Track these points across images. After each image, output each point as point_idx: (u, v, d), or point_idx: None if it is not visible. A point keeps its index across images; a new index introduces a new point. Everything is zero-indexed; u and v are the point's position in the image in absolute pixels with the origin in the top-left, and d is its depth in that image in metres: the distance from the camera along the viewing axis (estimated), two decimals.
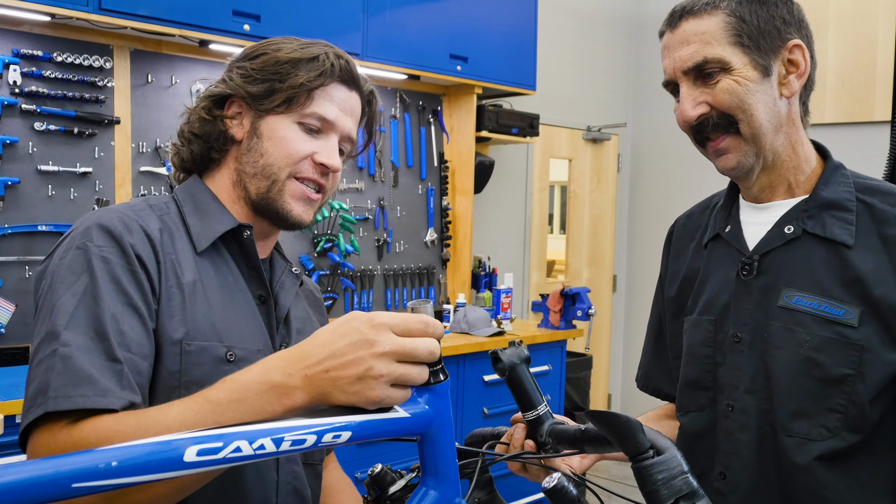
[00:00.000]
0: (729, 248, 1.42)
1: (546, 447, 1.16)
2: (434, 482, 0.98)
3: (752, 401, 1.33)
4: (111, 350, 1.05)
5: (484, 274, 4.77)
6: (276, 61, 1.26)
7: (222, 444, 0.77)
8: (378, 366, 0.88)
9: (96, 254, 1.11)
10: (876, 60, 4.75)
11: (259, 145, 1.26)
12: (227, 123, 1.28)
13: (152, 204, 1.26)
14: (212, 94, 1.29)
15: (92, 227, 1.13)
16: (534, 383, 1.19)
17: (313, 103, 1.26)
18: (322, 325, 1.45)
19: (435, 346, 0.91)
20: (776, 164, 1.35)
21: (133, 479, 0.72)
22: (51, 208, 3.12)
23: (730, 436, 1.36)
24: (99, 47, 3.22)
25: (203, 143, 1.30)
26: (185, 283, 1.18)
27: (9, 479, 0.66)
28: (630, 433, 0.91)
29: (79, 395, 1.01)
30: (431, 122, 4.52)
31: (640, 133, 6.18)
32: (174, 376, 1.14)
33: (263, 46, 1.30)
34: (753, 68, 1.28)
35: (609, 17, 5.93)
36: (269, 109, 1.26)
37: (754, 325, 1.35)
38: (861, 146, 4.14)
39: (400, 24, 3.95)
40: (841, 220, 1.30)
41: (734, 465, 1.35)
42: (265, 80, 1.26)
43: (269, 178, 1.26)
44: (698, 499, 0.88)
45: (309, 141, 1.27)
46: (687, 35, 1.31)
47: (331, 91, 1.28)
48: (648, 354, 1.64)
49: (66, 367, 1.03)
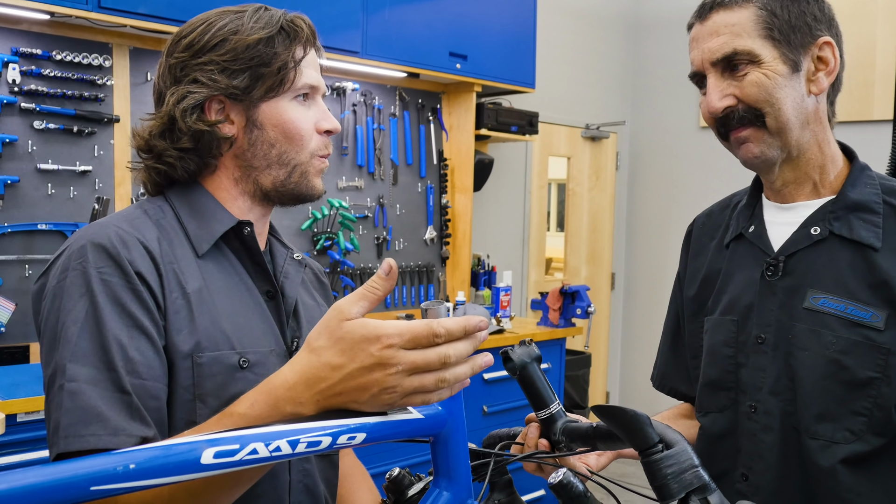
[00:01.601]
0: (753, 249, 1.41)
1: (560, 445, 1.15)
2: (447, 483, 0.98)
3: (776, 402, 1.33)
4: (119, 381, 1.02)
5: (483, 272, 4.77)
6: (248, 45, 1.19)
7: (239, 447, 0.77)
8: (390, 381, 0.86)
9: (95, 276, 1.07)
10: (875, 59, 4.75)
11: (263, 136, 1.22)
12: (219, 127, 1.21)
13: (147, 210, 1.22)
14: (196, 101, 1.19)
15: (87, 245, 1.09)
16: (546, 382, 1.18)
17: (302, 75, 1.23)
18: (328, 307, 1.43)
19: (446, 353, 0.88)
20: (801, 160, 1.34)
21: (150, 481, 0.72)
22: (50, 207, 3.11)
23: (752, 437, 1.35)
24: (98, 45, 3.21)
25: (197, 156, 1.22)
26: (190, 293, 1.14)
27: (28, 481, 0.66)
28: (638, 427, 0.90)
29: (90, 434, 0.99)
30: (431, 120, 4.52)
31: (638, 131, 6.19)
32: (188, 390, 1.11)
33: (216, 32, 1.20)
34: (783, 62, 1.27)
35: (608, 15, 5.93)
36: (261, 97, 1.21)
37: (778, 326, 1.34)
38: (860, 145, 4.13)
39: (399, 22, 3.94)
40: (868, 222, 1.30)
41: (757, 466, 1.35)
42: (245, 69, 1.19)
43: (286, 165, 1.23)
44: (710, 492, 0.87)
45: (306, 111, 1.24)
46: (717, 26, 1.30)
47: (307, 58, 1.25)
48: (665, 354, 1.63)
49: (75, 404, 1.00)
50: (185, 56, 1.21)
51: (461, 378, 0.90)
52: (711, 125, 1.35)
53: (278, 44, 1.20)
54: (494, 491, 1.15)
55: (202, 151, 1.22)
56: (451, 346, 0.88)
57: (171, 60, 1.23)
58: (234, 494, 0.97)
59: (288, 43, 1.21)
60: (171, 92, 1.21)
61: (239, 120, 1.22)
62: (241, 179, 1.25)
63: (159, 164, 1.23)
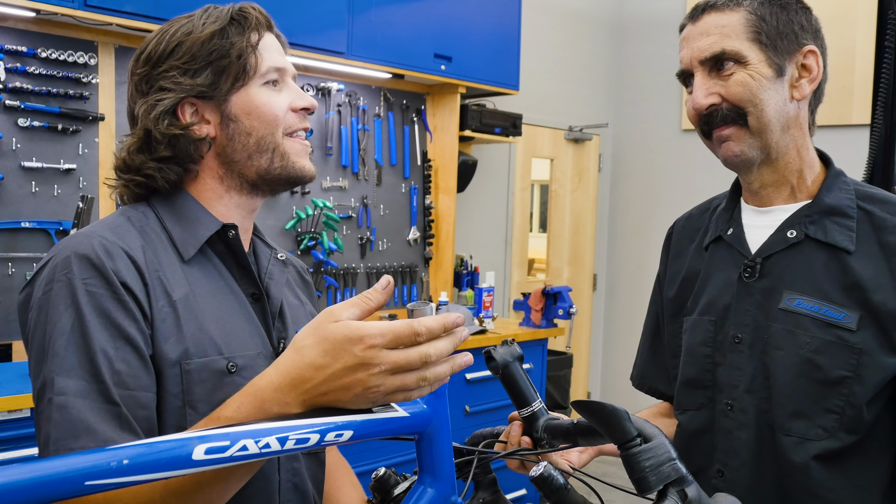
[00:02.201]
0: (731, 251, 1.44)
1: (542, 442, 1.18)
2: (431, 480, 1.00)
3: (752, 400, 1.36)
4: (108, 392, 1.03)
5: (466, 272, 4.79)
6: (202, 41, 1.20)
7: (229, 443, 0.79)
8: (373, 380, 0.88)
9: (80, 287, 1.07)
10: (854, 65, 4.81)
11: (240, 127, 1.22)
12: (195, 130, 1.22)
13: (130, 217, 1.22)
14: (165, 108, 1.20)
15: (71, 256, 1.09)
16: (527, 380, 1.21)
17: (263, 59, 1.23)
18: (312, 305, 1.43)
19: (426, 352, 0.89)
20: (779, 163, 1.38)
21: (144, 476, 0.74)
22: (34, 205, 3.10)
23: (728, 434, 1.39)
24: (84, 43, 3.21)
25: (177, 164, 1.23)
26: (176, 300, 1.15)
27: (24, 476, 0.67)
28: (616, 421, 0.92)
29: (79, 446, 1.00)
30: (415, 120, 4.54)
31: (621, 134, 6.23)
32: (178, 397, 1.12)
33: (170, 39, 1.21)
34: (768, 66, 1.32)
35: (592, 18, 5.97)
36: (228, 90, 1.21)
37: (755, 326, 1.37)
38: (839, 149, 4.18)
39: (385, 23, 3.96)
40: (842, 226, 1.34)
41: (732, 462, 1.38)
42: (206, 65, 1.20)
43: (266, 149, 1.24)
44: (687, 484, 0.89)
45: (278, 95, 1.25)
46: (708, 27, 1.34)
47: (265, 42, 1.25)
48: (645, 354, 1.66)
49: (64, 417, 1.01)
50: (146, 69, 1.22)
51: (441, 377, 0.92)
52: (695, 123, 1.39)
53: (232, 34, 1.21)
54: (479, 489, 1.17)
55: (181, 158, 1.23)
56: (432, 345, 0.90)
57: (135, 78, 1.24)
58: (224, 496, 0.99)
59: (241, 30, 1.22)
60: (140, 105, 1.22)
61: (214, 118, 1.23)
62: (226, 176, 1.26)
63: (138, 177, 1.23)
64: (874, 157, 3.05)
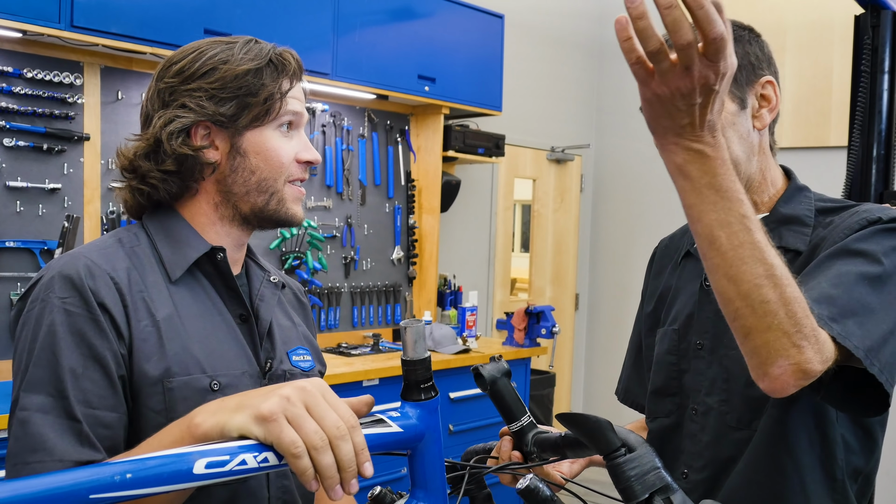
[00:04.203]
0: (697, 263, 1.49)
1: (532, 456, 1.20)
2: (423, 494, 1.02)
3: (712, 403, 1.41)
4: (70, 408, 1.05)
5: (449, 292, 4.81)
6: (236, 75, 1.23)
7: (229, 458, 0.81)
8: (285, 391, 0.86)
9: (58, 306, 1.10)
10: (832, 87, 4.89)
11: (245, 163, 1.26)
12: (203, 152, 1.25)
13: (121, 238, 1.25)
14: (183, 126, 1.23)
15: (55, 276, 1.12)
16: (516, 396, 1.23)
17: (286, 105, 1.27)
18: (308, 328, 1.46)
19: (340, 427, 0.86)
20: (747, 190, 1.41)
21: (146, 490, 0.75)
22: (19, 224, 3.10)
23: (693, 438, 1.44)
24: (69, 64, 3.22)
25: (180, 179, 1.26)
26: (160, 320, 1.17)
27: (30, 489, 0.69)
28: (600, 432, 0.94)
29: (35, 461, 1.02)
30: (399, 141, 4.57)
31: (602, 154, 6.29)
32: (161, 414, 1.14)
33: (206, 61, 1.24)
34: (731, 101, 1.35)
35: (574, 41, 6.04)
36: (246, 125, 1.24)
37: (714, 331, 1.42)
38: (817, 170, 4.25)
39: (369, 44, 4.00)
40: (798, 232, 1.38)
41: (695, 464, 1.43)
42: (233, 98, 1.23)
43: (266, 191, 1.27)
44: (672, 492, 0.91)
45: (289, 142, 1.28)
46: None
47: (293, 90, 1.30)
48: (629, 369, 1.71)
49: (24, 432, 1.03)
50: (175, 82, 1.25)
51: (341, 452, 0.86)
52: None
53: (266, 75, 1.25)
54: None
55: (185, 175, 1.26)
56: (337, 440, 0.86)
57: (160, 85, 1.26)
58: None
59: (276, 75, 1.26)
60: (159, 115, 1.24)
61: (223, 146, 1.26)
62: (221, 204, 1.29)
63: (143, 184, 1.26)
64: (851, 179, 3.10)
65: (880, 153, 2.98)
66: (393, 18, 4.12)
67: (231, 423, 0.86)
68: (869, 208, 1.32)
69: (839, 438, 1.33)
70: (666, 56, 0.95)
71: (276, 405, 0.84)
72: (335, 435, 0.85)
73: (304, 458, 0.82)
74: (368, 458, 0.87)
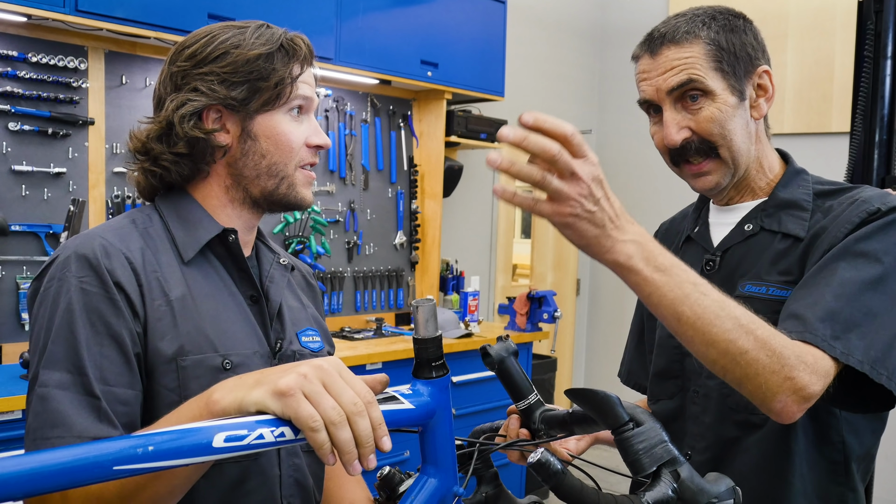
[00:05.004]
0: (697, 247, 1.53)
1: (540, 433, 1.22)
2: (434, 470, 1.04)
3: (714, 385, 1.43)
4: (88, 385, 1.07)
5: (451, 277, 4.83)
6: (248, 59, 1.24)
7: (247, 432, 0.83)
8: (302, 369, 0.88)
9: (75, 285, 1.12)
10: (833, 74, 4.90)
11: (256, 147, 1.27)
12: (214, 136, 1.26)
13: (135, 219, 1.27)
14: (195, 109, 1.25)
15: (71, 256, 1.14)
16: (523, 374, 1.25)
17: (296, 90, 1.28)
18: (317, 310, 1.49)
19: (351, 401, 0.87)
20: (746, 177, 1.45)
21: (167, 462, 0.77)
22: (24, 208, 3.12)
23: (695, 419, 1.46)
24: (74, 48, 3.23)
25: (192, 162, 1.28)
26: (173, 300, 1.19)
27: (57, 460, 0.71)
28: (609, 407, 0.96)
29: (55, 436, 1.04)
30: (402, 126, 4.58)
31: (604, 140, 6.29)
32: (174, 391, 1.16)
33: (219, 45, 1.25)
34: (731, 93, 1.37)
35: (576, 26, 6.04)
36: (257, 109, 1.26)
37: None
38: (818, 156, 4.27)
39: (372, 29, 4.00)
40: (796, 217, 1.40)
41: (698, 445, 1.45)
42: (244, 82, 1.24)
43: (276, 175, 1.28)
44: (679, 464, 0.93)
45: (299, 126, 1.30)
46: (670, 62, 1.37)
47: (304, 75, 1.30)
48: (632, 352, 1.74)
49: (44, 408, 1.05)
50: (188, 65, 1.26)
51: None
52: (664, 154, 1.44)
53: (277, 60, 1.26)
54: (482, 483, 1.21)
55: (196, 157, 1.27)
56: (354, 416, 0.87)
57: (173, 68, 1.28)
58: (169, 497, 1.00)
59: (287, 60, 1.27)
60: (171, 98, 1.26)
61: (234, 130, 1.28)
62: (232, 187, 1.31)
63: (155, 167, 1.28)
64: (853, 164, 3.12)
65: (882, 138, 3.00)
66: (396, 3, 4.12)
67: (249, 398, 0.88)
68: (868, 197, 1.34)
69: (842, 422, 1.35)
70: (549, 178, 1.02)
71: (294, 381, 0.86)
72: (352, 411, 0.86)
73: (322, 433, 0.84)
74: (386, 433, 0.89)
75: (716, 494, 0.93)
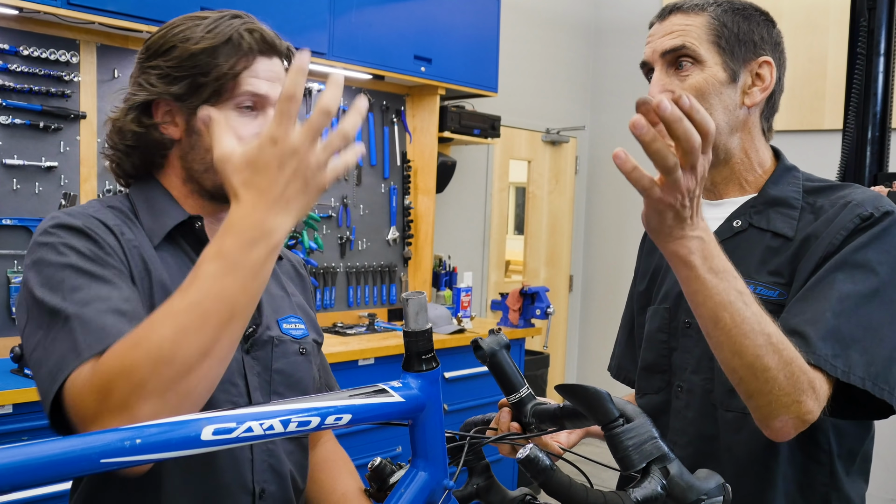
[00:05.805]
0: None
1: (531, 427, 1.22)
2: (424, 464, 1.04)
3: (698, 381, 1.43)
4: (114, 306, 1.07)
5: (444, 272, 4.83)
6: (191, 54, 1.22)
7: (235, 425, 0.82)
8: (312, 160, 1.00)
9: (66, 242, 1.13)
10: (826, 71, 4.91)
11: (201, 141, 1.25)
12: (162, 128, 1.26)
13: (110, 204, 1.28)
14: (135, 102, 1.25)
15: (53, 224, 1.16)
16: (515, 368, 1.24)
17: (242, 85, 1.23)
18: (306, 299, 1.48)
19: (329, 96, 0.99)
20: (728, 162, 1.44)
21: (154, 455, 0.77)
22: (15, 202, 3.10)
23: (678, 414, 1.47)
24: (66, 42, 3.22)
25: (142, 153, 1.29)
26: (154, 281, 1.21)
27: (45, 453, 0.70)
28: (599, 403, 0.97)
29: (111, 325, 1.04)
30: (395, 121, 4.57)
31: (597, 136, 6.30)
32: None
33: (170, 38, 1.25)
34: (723, 69, 1.38)
35: (569, 22, 6.04)
36: (200, 105, 1.23)
37: None
38: (810, 153, 4.28)
39: (365, 24, 3.99)
40: (785, 215, 1.40)
41: (681, 441, 1.45)
42: (185, 77, 1.23)
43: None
44: (669, 461, 0.93)
45: (248, 123, 1.25)
46: (672, 26, 1.41)
47: (254, 67, 1.25)
48: (622, 346, 1.73)
49: (84, 326, 1.03)
50: (143, 59, 1.28)
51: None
52: None
53: (221, 55, 1.23)
54: (473, 475, 1.21)
55: (144, 150, 1.29)
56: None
57: (137, 60, 1.30)
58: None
59: (232, 54, 1.23)
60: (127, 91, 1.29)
61: (182, 123, 1.27)
62: (188, 179, 1.31)
63: (113, 157, 1.32)
64: (846, 162, 3.13)
65: (875, 135, 3.01)
66: None
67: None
68: (860, 200, 1.34)
69: (828, 423, 1.35)
70: (677, 166, 1.03)
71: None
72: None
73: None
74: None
75: (705, 491, 0.93)
